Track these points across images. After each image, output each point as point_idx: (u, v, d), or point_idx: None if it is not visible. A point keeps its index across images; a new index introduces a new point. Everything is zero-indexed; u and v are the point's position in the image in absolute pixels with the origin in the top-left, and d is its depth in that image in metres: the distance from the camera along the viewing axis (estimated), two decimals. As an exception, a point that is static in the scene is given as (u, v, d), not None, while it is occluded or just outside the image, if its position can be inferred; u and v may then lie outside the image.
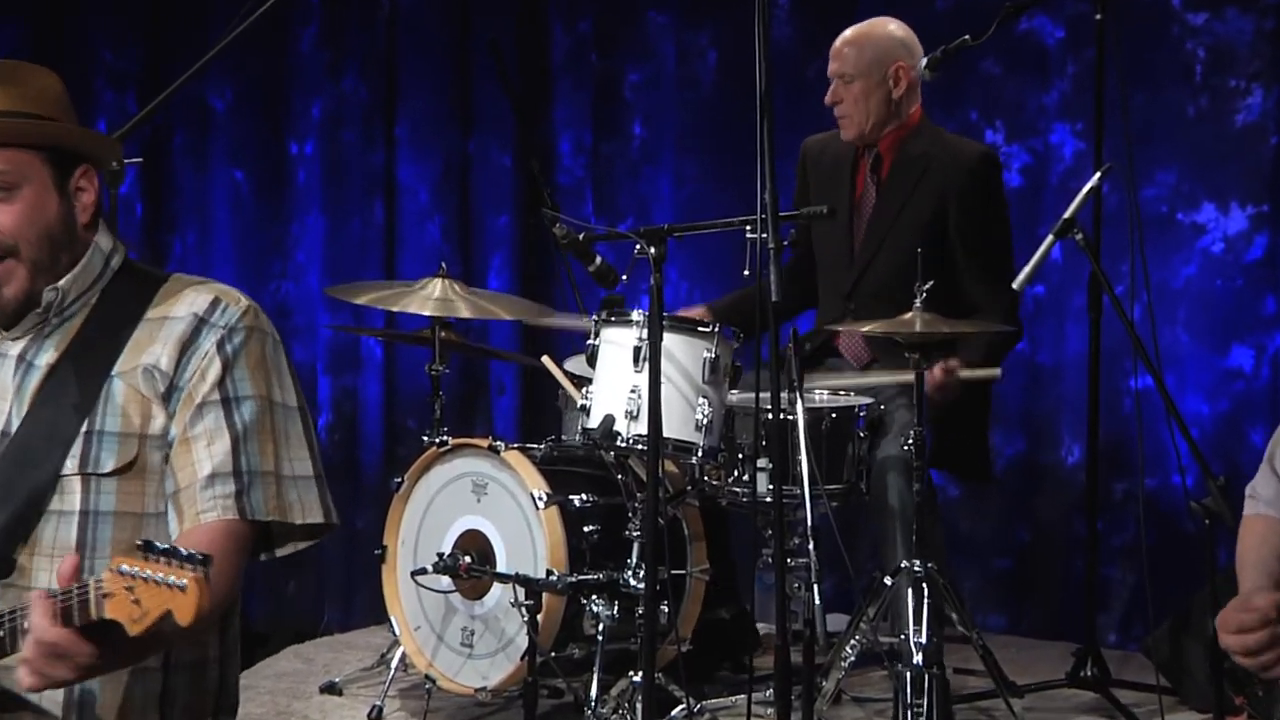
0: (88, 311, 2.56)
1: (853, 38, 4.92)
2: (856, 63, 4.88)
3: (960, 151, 4.91)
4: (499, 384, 6.63)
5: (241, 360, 2.50)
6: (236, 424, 2.48)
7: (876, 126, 4.90)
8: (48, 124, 2.51)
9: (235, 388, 2.50)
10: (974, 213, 4.83)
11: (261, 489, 2.48)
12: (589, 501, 4.51)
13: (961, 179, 4.84)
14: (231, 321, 2.51)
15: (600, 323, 4.45)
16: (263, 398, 2.51)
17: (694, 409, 4.33)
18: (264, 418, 2.51)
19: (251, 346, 2.51)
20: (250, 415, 2.49)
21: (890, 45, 4.90)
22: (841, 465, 4.59)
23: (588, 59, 6.57)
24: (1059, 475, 5.83)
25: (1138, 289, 4.38)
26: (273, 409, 2.52)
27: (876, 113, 4.88)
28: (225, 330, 2.50)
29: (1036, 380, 5.89)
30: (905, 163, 4.91)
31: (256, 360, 2.51)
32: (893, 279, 4.73)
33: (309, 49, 6.82)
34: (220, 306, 2.53)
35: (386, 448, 6.71)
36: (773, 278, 3.56)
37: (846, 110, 4.90)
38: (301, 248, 6.84)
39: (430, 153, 6.73)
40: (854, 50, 4.89)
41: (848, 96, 4.89)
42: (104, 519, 2.47)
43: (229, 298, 2.54)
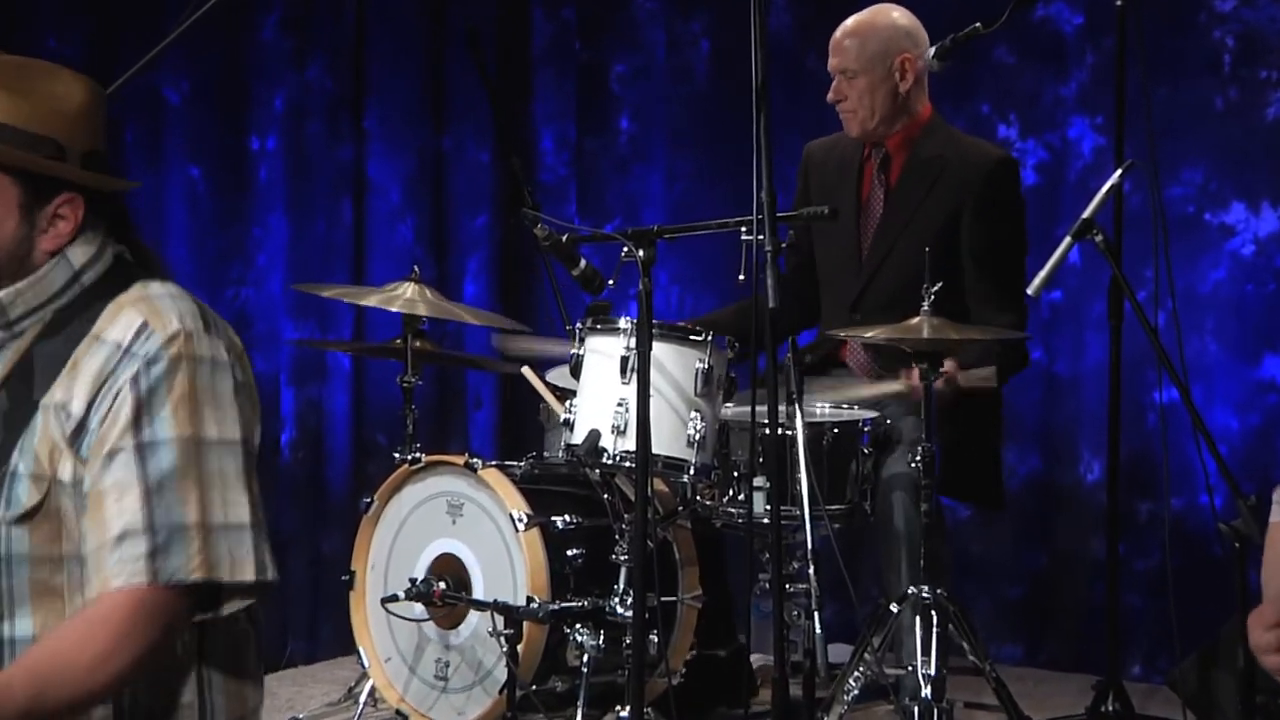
0: (38, 329, 2.47)
1: (853, 29, 4.92)
2: (858, 56, 4.88)
3: (977, 155, 4.91)
4: (476, 397, 6.63)
5: (160, 396, 2.37)
6: (150, 473, 2.36)
7: (883, 123, 4.92)
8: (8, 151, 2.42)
9: (152, 430, 2.37)
10: (989, 223, 4.84)
11: (182, 546, 2.36)
12: (573, 523, 4.51)
13: (978, 185, 4.84)
14: (151, 351, 2.39)
15: (585, 331, 4.45)
16: (187, 439, 2.37)
17: (686, 423, 4.33)
18: (188, 462, 2.37)
19: (176, 378, 2.38)
20: (168, 462, 2.36)
21: (894, 36, 4.91)
22: (844, 484, 4.59)
23: (571, 48, 6.58)
24: (1078, 495, 5.84)
25: (1162, 295, 4.38)
26: (200, 450, 2.39)
27: (882, 109, 4.90)
28: (143, 362, 2.38)
29: (1053, 392, 5.90)
30: (917, 165, 4.92)
31: (181, 395, 2.38)
32: (901, 288, 4.74)
33: (271, 36, 6.83)
34: (145, 334, 2.40)
35: (355, 465, 6.71)
36: (770, 282, 3.57)
37: (850, 107, 4.92)
38: (263, 251, 6.84)
39: (402, 148, 6.74)
40: (855, 43, 4.89)
41: (851, 93, 4.90)
42: (19, 563, 2.39)
43: (158, 321, 2.42)
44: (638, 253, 4.02)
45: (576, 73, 6.57)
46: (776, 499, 3.69)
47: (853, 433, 4.60)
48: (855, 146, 5.04)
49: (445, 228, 6.70)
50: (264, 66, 6.84)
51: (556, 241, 4.35)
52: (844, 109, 4.94)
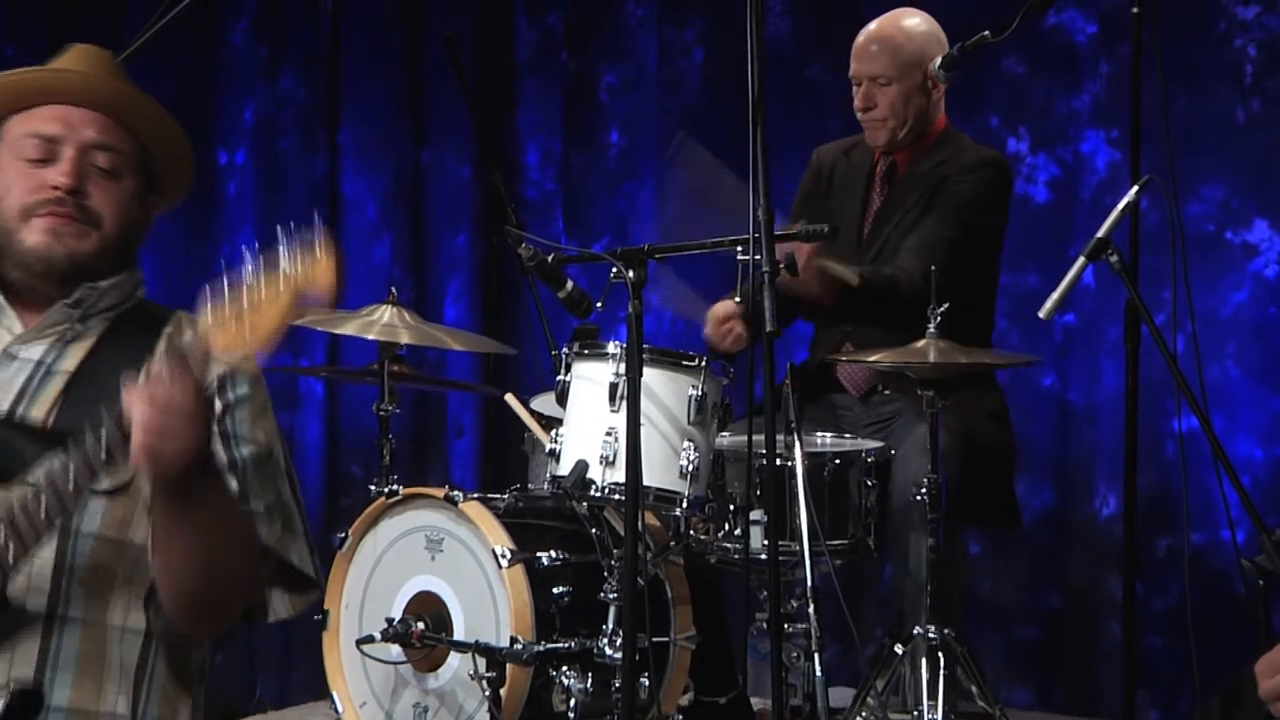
0: (105, 327, 2.73)
1: (884, 34, 4.94)
2: (892, 62, 4.90)
3: (969, 158, 4.94)
4: (457, 425, 6.63)
5: (245, 404, 2.64)
6: (236, 458, 2.61)
7: (910, 133, 4.94)
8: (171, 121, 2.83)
9: (235, 427, 2.63)
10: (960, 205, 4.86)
11: (265, 519, 2.62)
12: (559, 559, 4.51)
13: (962, 184, 4.88)
14: (236, 362, 2.57)
15: (572, 356, 4.45)
16: (262, 446, 2.64)
17: (678, 454, 4.33)
18: (263, 465, 2.63)
19: (256, 392, 2.66)
20: (250, 456, 2.62)
21: (926, 42, 4.94)
22: (846, 518, 4.59)
23: (557, 57, 6.59)
24: (1092, 530, 5.85)
25: (1181, 318, 4.39)
26: (270, 461, 2.65)
27: (915, 118, 4.93)
28: (228, 369, 2.61)
29: (1066, 422, 5.91)
30: (917, 174, 4.94)
31: (260, 408, 2.65)
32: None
33: (241, 44, 6.84)
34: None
35: (328, 498, 6.71)
36: (767, 305, 3.58)
37: (880, 115, 4.92)
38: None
39: (379, 163, 6.75)
40: (888, 49, 4.91)
41: (882, 101, 4.91)
42: (84, 540, 2.57)
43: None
44: (627, 274, 4.03)
45: (563, 83, 6.58)
46: (774, 534, 3.69)
47: (855, 463, 4.61)
48: (866, 154, 5.05)
49: (424, 247, 6.70)
50: (233, 76, 6.85)
51: (542, 262, 4.36)
52: (872, 117, 4.94)
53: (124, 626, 2.60)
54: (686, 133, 4.79)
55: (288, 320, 2.32)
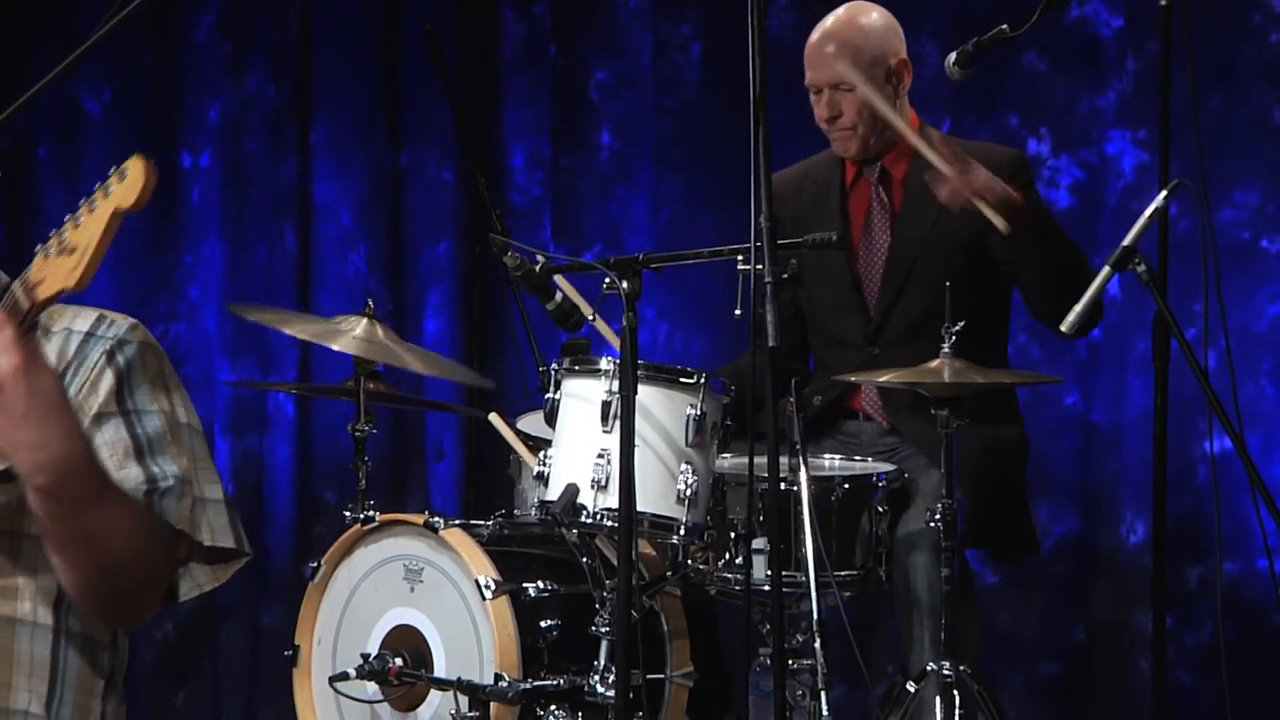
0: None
1: (839, 33, 4.85)
2: (854, 64, 4.84)
3: (988, 158, 4.91)
4: (437, 447, 6.64)
5: (137, 373, 2.59)
6: (140, 434, 2.56)
7: (880, 138, 4.90)
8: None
9: (134, 400, 2.58)
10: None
11: (175, 495, 2.56)
12: (547, 590, 4.52)
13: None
14: (119, 334, 2.60)
15: (561, 373, 4.46)
16: (166, 413, 2.59)
17: (675, 477, 4.34)
18: (169, 432, 2.58)
19: (147, 360, 2.60)
20: (156, 427, 2.57)
21: (885, 36, 4.90)
22: (855, 546, 4.60)
23: (545, 52, 6.60)
24: (1119, 559, 5.85)
25: (1213, 332, 4.40)
26: (177, 427, 2.60)
27: (882, 121, 4.87)
28: (113, 342, 2.59)
29: (1091, 444, 5.91)
30: (922, 179, 4.90)
31: (154, 376, 2.60)
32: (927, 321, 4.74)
33: (205, 39, 6.84)
34: (105, 321, 2.62)
35: (299, 525, 6.70)
36: (770, 319, 3.59)
37: (848, 124, 4.87)
38: (195, 281, 6.85)
39: (353, 166, 6.75)
40: (847, 51, 4.84)
41: (849, 108, 4.85)
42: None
43: (114, 315, 2.63)
44: (621, 284, 4.04)
45: (551, 80, 6.58)
46: (778, 563, 3.70)
47: (865, 488, 4.61)
48: (832, 169, 4.99)
49: (402, 256, 6.71)
50: (197, 73, 6.85)
51: (529, 272, 4.37)
52: (840, 127, 4.87)
53: (33, 622, 2.60)
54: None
55: (108, 237, 2.30)
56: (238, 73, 6.81)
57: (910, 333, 4.83)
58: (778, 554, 3.72)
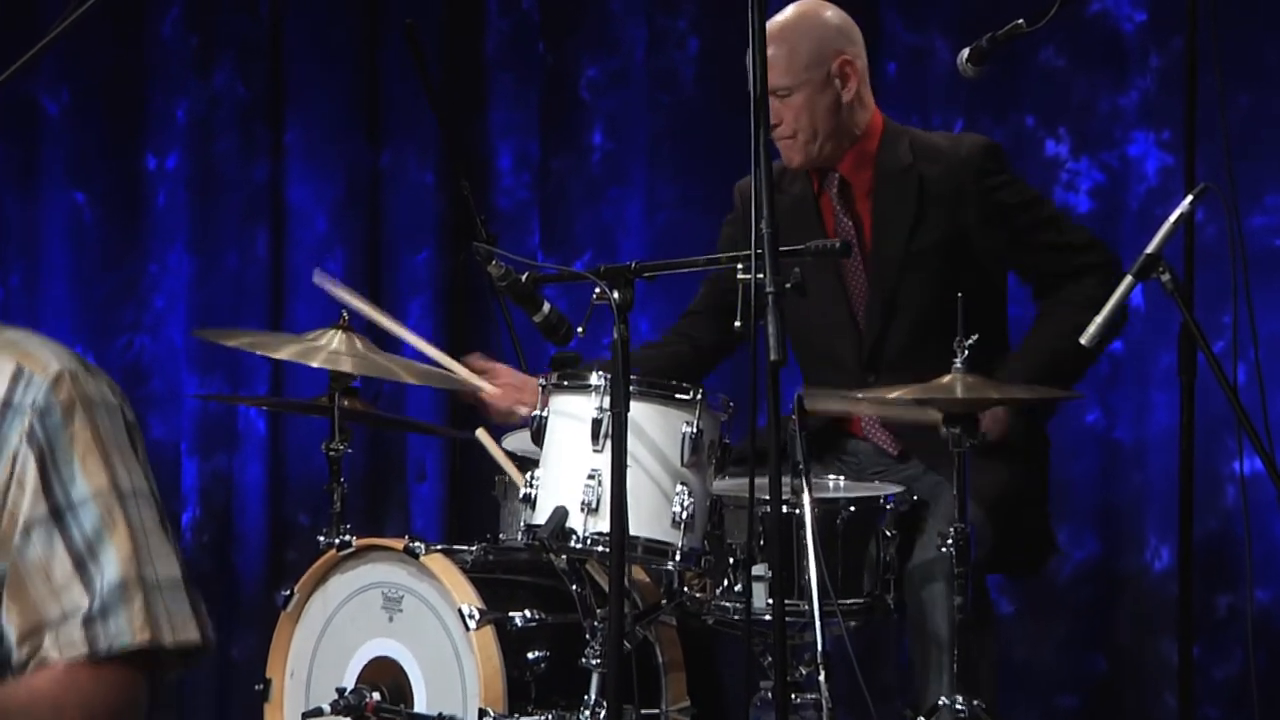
0: None
1: (776, 36, 4.77)
2: (789, 68, 4.79)
3: (954, 151, 4.88)
4: (418, 467, 6.64)
5: (63, 449, 2.40)
6: (77, 540, 2.39)
7: (827, 143, 4.84)
8: None
9: (65, 490, 2.39)
10: (1004, 211, 4.84)
11: (122, 607, 2.39)
12: (534, 620, 4.52)
13: (971, 184, 4.82)
14: (39, 400, 2.39)
15: (549, 388, 4.46)
16: (105, 491, 2.41)
17: (670, 499, 4.34)
18: (111, 516, 2.41)
19: (76, 426, 2.41)
20: (93, 522, 2.40)
21: (825, 35, 4.85)
22: (861, 573, 4.60)
23: (533, 47, 6.61)
24: (1142, 586, 5.86)
25: (1243, 345, 4.41)
26: (122, 501, 2.42)
27: (825, 125, 4.82)
28: (34, 413, 2.39)
29: (1113, 462, 5.92)
30: (888, 186, 4.86)
31: (87, 442, 2.41)
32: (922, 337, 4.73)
33: (171, 34, 6.85)
34: (23, 380, 2.40)
35: (271, 551, 6.70)
36: (771, 330, 3.59)
37: (787, 132, 4.81)
38: (161, 291, 6.85)
39: (329, 167, 6.76)
40: (782, 53, 4.77)
41: (787, 115, 4.80)
42: None
43: (34, 364, 2.41)
44: (612, 295, 4.05)
45: (539, 77, 6.59)
46: (780, 591, 3.70)
47: (872, 511, 4.61)
48: (804, 181, 4.96)
49: (381, 264, 6.71)
50: (162, 69, 6.85)
51: (515, 281, 4.37)
52: (779, 135, 4.81)
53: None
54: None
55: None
56: (206, 69, 6.82)
57: (906, 355, 4.80)
58: (779, 581, 3.72)
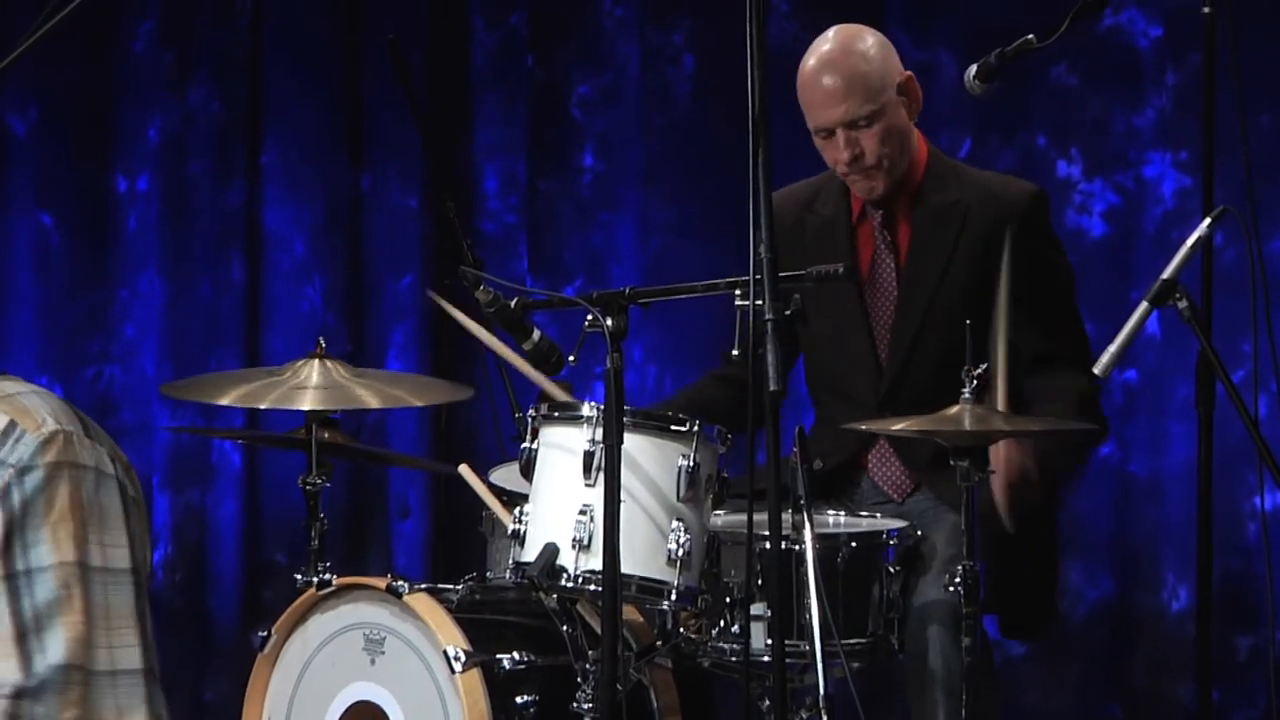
0: None
1: (842, 64, 4.77)
2: (866, 95, 4.76)
3: (1003, 194, 4.88)
4: (401, 503, 6.64)
5: (36, 514, 2.38)
6: (25, 609, 2.36)
7: (901, 167, 4.87)
8: None
9: (26, 557, 2.37)
10: (1032, 267, 4.84)
11: (58, 695, 2.36)
12: (523, 662, 4.51)
13: (1014, 230, 4.82)
14: (25, 458, 2.38)
15: (539, 420, 4.46)
16: (68, 564, 2.38)
17: (666, 536, 4.34)
18: (69, 593, 2.38)
19: (55, 490, 2.38)
20: (47, 594, 2.37)
21: (884, 55, 4.82)
22: (865, 612, 4.60)
23: (521, 64, 6.62)
24: (1159, 627, 5.86)
25: (1263, 375, 4.41)
26: (86, 578, 2.39)
27: (905, 147, 4.82)
28: (15, 471, 2.38)
29: (1128, 498, 5.92)
30: (931, 220, 4.85)
31: (62, 510, 2.38)
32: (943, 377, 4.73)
33: (144, 49, 6.86)
34: (13, 436, 2.40)
35: (246, 590, 6.70)
36: (770, 359, 3.60)
37: (873, 160, 4.80)
38: (131, 319, 6.85)
39: (308, 190, 6.76)
40: (857, 83, 4.77)
41: (870, 144, 4.78)
42: None
43: (28, 420, 2.41)
44: (605, 322, 4.05)
45: (528, 95, 6.60)
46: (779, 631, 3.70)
47: (875, 547, 4.61)
48: (839, 200, 4.96)
49: (362, 290, 6.72)
50: (135, 87, 6.86)
51: (503, 307, 4.37)
52: (864, 167, 4.77)
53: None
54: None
55: None
56: (180, 86, 6.83)
57: (925, 393, 4.79)
58: (779, 621, 3.72)
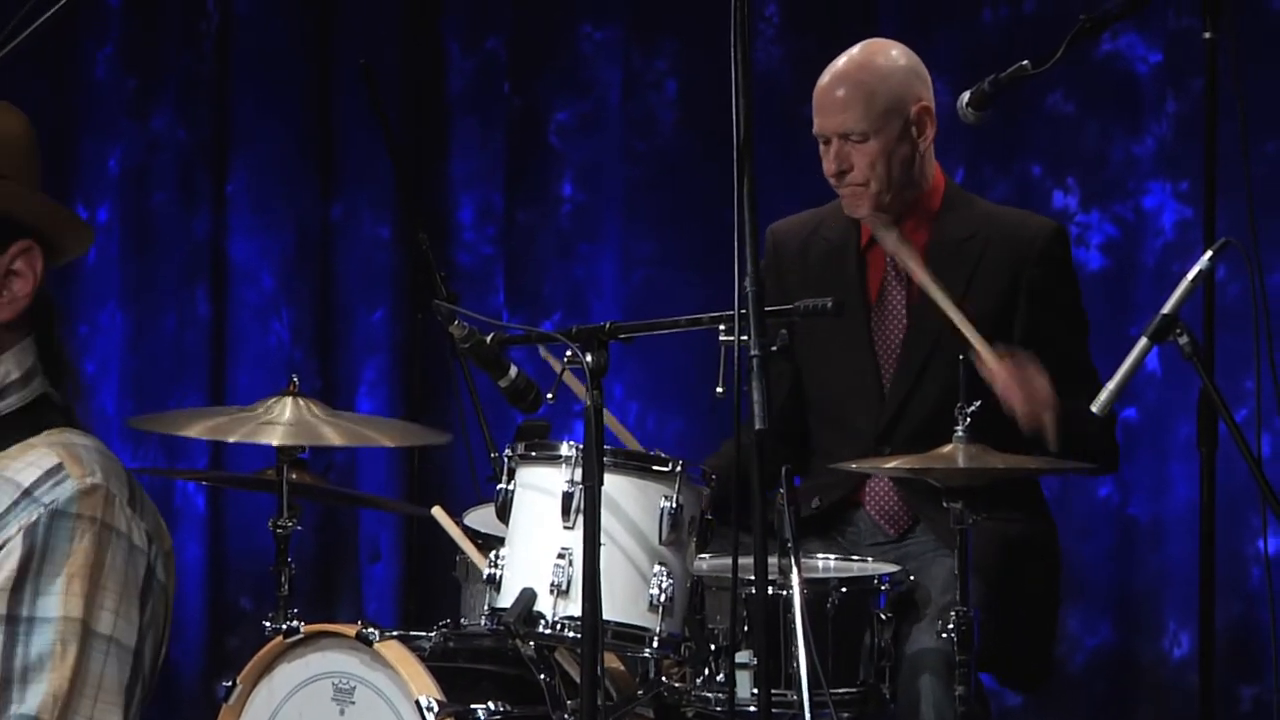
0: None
1: (852, 75, 4.84)
2: (867, 112, 4.82)
3: (1023, 229, 4.90)
4: (372, 546, 6.63)
5: (57, 561, 2.39)
6: (16, 658, 2.37)
7: (898, 197, 4.88)
8: None
9: (34, 603, 2.38)
10: (1048, 307, 4.86)
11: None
12: (499, 712, 4.51)
13: (1031, 267, 4.84)
14: (60, 501, 2.40)
15: (516, 460, 4.47)
16: (72, 620, 2.38)
17: (648, 581, 4.34)
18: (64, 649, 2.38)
19: (81, 544, 2.40)
20: (42, 647, 2.38)
21: (905, 79, 4.88)
22: (855, 660, 4.60)
23: (498, 90, 6.63)
24: (1161, 675, 5.86)
25: (1267, 413, 4.42)
26: (86, 640, 2.40)
27: (899, 176, 4.86)
28: (46, 512, 2.39)
29: (1128, 541, 5.93)
30: (946, 252, 4.88)
31: (82, 565, 2.39)
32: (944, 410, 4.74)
33: (106, 75, 6.87)
34: (56, 478, 2.42)
35: (211, 638, 6.69)
36: (756, 397, 3.60)
37: (859, 179, 4.85)
38: (92, 355, 6.85)
39: (277, 220, 6.77)
40: (860, 95, 4.82)
41: (860, 161, 4.82)
42: None
43: (76, 467, 2.43)
44: (585, 358, 4.05)
45: (505, 122, 6.61)
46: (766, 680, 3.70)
47: (865, 592, 4.61)
48: (847, 229, 4.97)
49: (333, 324, 6.72)
50: (94, 113, 6.87)
51: (479, 343, 4.38)
52: (850, 183, 4.83)
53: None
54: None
55: None
56: (142, 112, 6.84)
57: (925, 429, 4.80)
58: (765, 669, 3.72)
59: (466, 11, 6.66)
